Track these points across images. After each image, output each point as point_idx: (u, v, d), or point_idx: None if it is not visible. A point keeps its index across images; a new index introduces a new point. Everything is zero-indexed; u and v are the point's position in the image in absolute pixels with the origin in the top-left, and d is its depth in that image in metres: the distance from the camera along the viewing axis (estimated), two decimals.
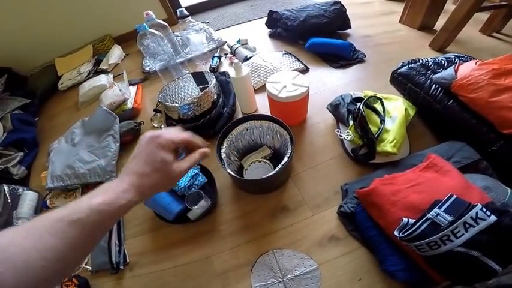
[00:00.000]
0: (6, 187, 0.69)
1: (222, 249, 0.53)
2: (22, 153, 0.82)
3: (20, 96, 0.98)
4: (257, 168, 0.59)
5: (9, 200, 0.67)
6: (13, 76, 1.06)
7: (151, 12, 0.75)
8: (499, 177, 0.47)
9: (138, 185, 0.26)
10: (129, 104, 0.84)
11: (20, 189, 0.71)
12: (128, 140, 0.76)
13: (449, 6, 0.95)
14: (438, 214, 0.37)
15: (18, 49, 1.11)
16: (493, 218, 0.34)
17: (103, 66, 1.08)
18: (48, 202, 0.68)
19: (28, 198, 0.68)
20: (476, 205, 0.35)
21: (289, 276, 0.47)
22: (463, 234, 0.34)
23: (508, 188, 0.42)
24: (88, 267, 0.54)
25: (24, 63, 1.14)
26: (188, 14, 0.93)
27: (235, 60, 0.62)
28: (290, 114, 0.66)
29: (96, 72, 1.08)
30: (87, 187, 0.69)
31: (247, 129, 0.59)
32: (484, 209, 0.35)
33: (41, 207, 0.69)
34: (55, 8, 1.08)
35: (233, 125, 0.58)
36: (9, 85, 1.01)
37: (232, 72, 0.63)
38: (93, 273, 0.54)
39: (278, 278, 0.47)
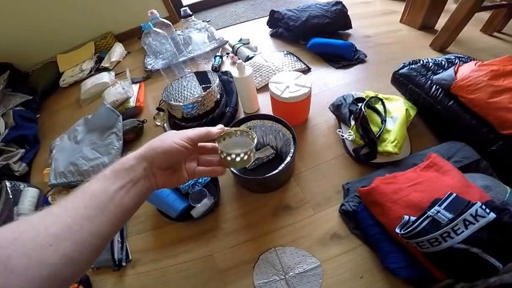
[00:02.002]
0: (8, 183, 0.69)
1: (224, 247, 0.53)
2: (23, 150, 0.82)
3: (21, 93, 0.98)
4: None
5: (10, 196, 0.67)
6: (15, 72, 1.06)
7: (155, 11, 0.76)
8: (498, 177, 0.47)
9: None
10: (132, 102, 0.85)
11: (22, 186, 0.71)
12: (131, 138, 0.76)
13: (450, 6, 0.94)
14: (438, 212, 0.37)
15: (20, 45, 1.11)
16: (492, 215, 0.35)
17: (105, 63, 1.08)
18: (49, 198, 0.68)
19: (29, 195, 0.68)
20: (476, 203, 0.36)
21: (291, 273, 0.47)
22: (463, 231, 0.35)
23: (507, 187, 0.43)
24: None
25: (25, 60, 1.13)
26: (191, 13, 0.93)
27: (239, 60, 0.62)
28: (292, 115, 0.66)
29: (97, 69, 1.08)
30: None
31: (250, 129, 0.60)
32: (484, 207, 0.35)
33: (42, 204, 0.69)
34: (57, 5, 1.07)
35: (237, 123, 0.58)
36: (10, 81, 1.00)
37: (235, 72, 0.64)
38: (95, 270, 0.54)
39: (280, 275, 0.48)
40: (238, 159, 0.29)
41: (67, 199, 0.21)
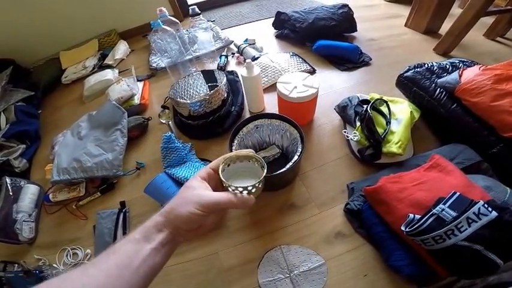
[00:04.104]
0: (8, 179, 0.68)
1: (229, 245, 0.53)
2: (24, 146, 0.81)
3: (23, 89, 0.97)
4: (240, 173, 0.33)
5: (10, 193, 0.65)
6: (16, 68, 1.04)
7: (164, 9, 0.76)
8: (499, 178, 0.49)
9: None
10: (136, 100, 0.85)
11: (22, 182, 0.69)
12: (135, 135, 0.76)
13: (455, 10, 0.96)
14: (443, 210, 0.38)
15: (23, 42, 1.10)
16: (494, 213, 0.36)
17: (108, 61, 1.08)
18: (50, 196, 0.67)
19: (29, 192, 0.67)
20: (479, 201, 0.37)
21: (296, 271, 0.48)
22: (466, 229, 0.36)
23: (507, 188, 0.45)
24: None
25: (28, 56, 1.12)
26: (200, 12, 0.93)
27: (248, 60, 0.63)
28: (299, 115, 0.66)
29: (101, 66, 1.07)
30: (92, 181, 0.69)
31: (257, 127, 0.60)
32: (486, 206, 0.37)
33: (42, 201, 0.68)
34: (61, 1, 1.07)
35: (245, 122, 0.59)
36: (12, 77, 0.99)
37: (243, 72, 0.64)
38: None
39: (285, 273, 0.48)
40: (245, 193, 0.27)
41: (100, 259, 0.23)
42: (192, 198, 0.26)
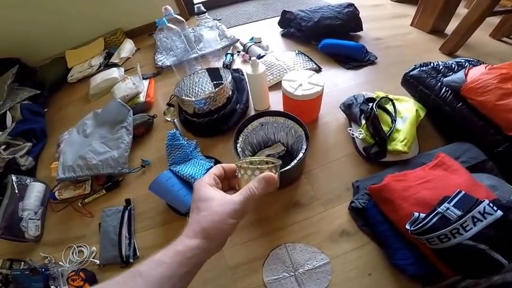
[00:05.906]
0: (14, 177, 0.67)
1: (234, 243, 0.53)
2: (30, 144, 0.82)
3: (29, 87, 0.98)
4: None
5: (16, 191, 0.65)
6: (22, 67, 1.05)
7: (169, 8, 0.76)
8: (504, 177, 0.49)
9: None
10: (142, 98, 0.85)
11: (28, 180, 0.70)
12: (140, 133, 0.77)
13: (461, 10, 0.96)
14: (448, 208, 0.38)
15: (28, 41, 1.10)
16: (499, 213, 0.36)
17: (114, 59, 1.08)
18: (56, 194, 0.67)
19: (35, 190, 0.68)
20: (484, 200, 0.37)
21: (301, 270, 0.48)
22: (471, 228, 0.36)
23: None
24: (96, 260, 0.54)
25: (33, 55, 1.13)
26: (205, 10, 0.94)
27: (253, 57, 0.63)
28: (304, 112, 0.66)
29: (107, 65, 1.08)
30: (97, 179, 0.69)
31: (262, 125, 0.61)
32: (491, 205, 0.37)
33: (48, 199, 0.69)
34: (67, 0, 1.08)
35: (250, 119, 0.59)
36: (18, 76, 1.00)
37: (249, 70, 0.65)
38: (101, 267, 0.54)
39: (290, 271, 0.48)
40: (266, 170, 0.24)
41: (127, 281, 0.22)
42: (222, 209, 0.24)
